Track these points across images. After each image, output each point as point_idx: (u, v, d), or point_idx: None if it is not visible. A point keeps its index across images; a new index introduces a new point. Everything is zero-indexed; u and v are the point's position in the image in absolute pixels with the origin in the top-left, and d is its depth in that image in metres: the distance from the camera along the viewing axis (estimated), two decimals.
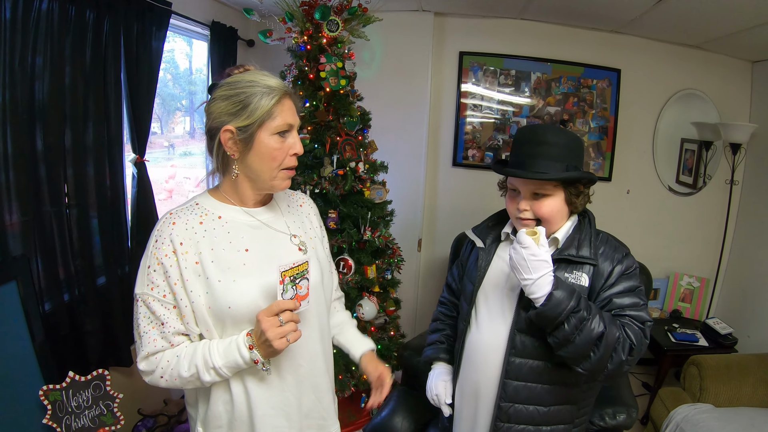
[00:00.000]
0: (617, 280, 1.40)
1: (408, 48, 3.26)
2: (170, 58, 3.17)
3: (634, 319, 1.35)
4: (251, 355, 1.12)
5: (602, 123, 3.43)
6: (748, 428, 2.35)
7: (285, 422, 1.27)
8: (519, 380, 1.45)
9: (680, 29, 3.12)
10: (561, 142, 1.41)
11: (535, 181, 1.40)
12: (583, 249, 1.42)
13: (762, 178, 3.36)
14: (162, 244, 1.14)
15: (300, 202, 1.45)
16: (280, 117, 1.16)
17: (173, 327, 1.16)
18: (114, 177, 2.19)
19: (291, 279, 1.13)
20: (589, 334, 1.27)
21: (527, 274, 1.28)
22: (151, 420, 2.51)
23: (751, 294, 3.38)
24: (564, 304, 1.26)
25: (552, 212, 1.43)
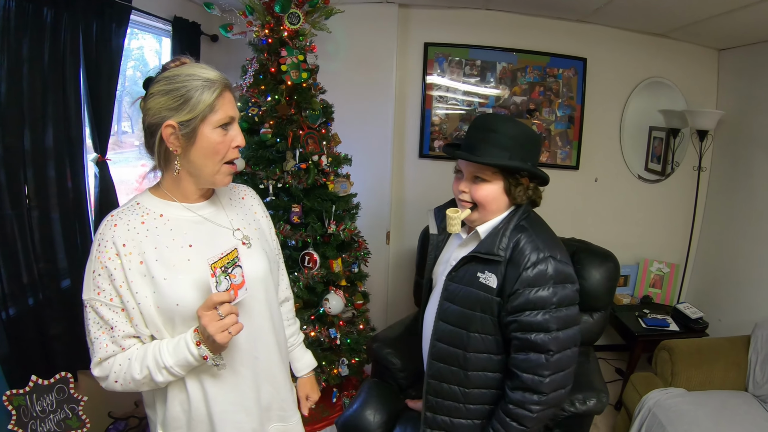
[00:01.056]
0: (526, 286, 1.39)
1: (372, 40, 3.28)
2: (139, 55, 3.17)
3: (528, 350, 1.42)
4: (200, 351, 1.12)
5: (569, 112, 3.50)
6: (721, 410, 2.43)
7: (245, 417, 1.29)
8: (441, 362, 1.57)
9: (646, 18, 3.19)
10: (509, 132, 1.45)
11: (475, 164, 1.46)
12: (494, 243, 1.46)
13: (729, 164, 3.46)
14: (105, 247, 1.14)
15: (242, 194, 1.45)
16: (222, 110, 1.16)
17: (123, 330, 1.16)
18: (75, 177, 2.19)
19: (222, 270, 1.13)
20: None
21: None
22: (122, 422, 2.53)
23: (721, 278, 3.49)
24: None
25: (487, 198, 1.48)
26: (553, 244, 1.46)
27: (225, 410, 1.25)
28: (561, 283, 1.39)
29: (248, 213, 1.41)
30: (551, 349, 1.37)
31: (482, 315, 1.47)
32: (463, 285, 1.51)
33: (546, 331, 1.36)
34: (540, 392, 1.40)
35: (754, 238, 3.20)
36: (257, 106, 2.51)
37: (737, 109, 3.36)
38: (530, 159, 1.49)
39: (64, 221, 2.17)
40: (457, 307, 1.52)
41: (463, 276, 1.51)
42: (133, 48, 3.08)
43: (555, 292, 1.37)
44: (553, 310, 1.37)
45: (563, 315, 1.39)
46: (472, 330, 1.50)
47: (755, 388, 2.61)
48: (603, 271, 2.72)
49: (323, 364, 2.69)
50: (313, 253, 2.53)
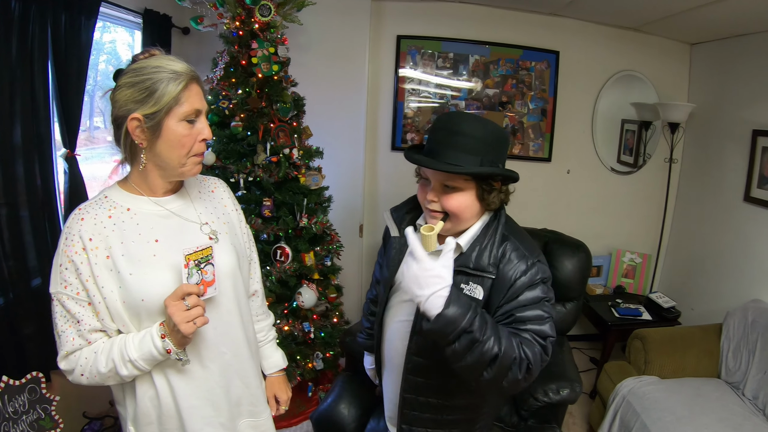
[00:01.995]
0: (520, 292, 1.33)
1: (345, 32, 3.30)
2: (112, 49, 3.15)
3: (535, 334, 1.29)
4: (164, 345, 1.14)
5: (541, 104, 3.57)
6: (694, 398, 2.50)
7: (213, 411, 1.30)
8: (419, 376, 1.48)
9: (618, 12, 3.26)
10: (477, 134, 1.33)
11: (444, 172, 1.33)
12: (483, 258, 1.37)
13: (700, 156, 3.56)
14: (71, 241, 1.15)
15: (212, 187, 1.45)
16: (187, 103, 1.15)
17: (89, 324, 1.17)
18: (44, 174, 2.17)
19: (195, 263, 1.16)
20: (480, 356, 1.19)
21: (419, 290, 1.17)
22: (97, 422, 2.53)
23: (692, 268, 3.59)
24: (454, 325, 1.17)
25: (460, 208, 1.36)
26: (533, 246, 1.42)
27: (193, 405, 1.27)
28: (546, 283, 1.37)
29: (218, 206, 1.41)
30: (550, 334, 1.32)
31: None
32: None
33: (542, 320, 1.32)
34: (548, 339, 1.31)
35: (724, 229, 3.30)
36: (228, 99, 2.53)
37: (708, 102, 3.45)
38: (500, 160, 1.39)
39: (33, 219, 2.14)
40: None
41: None
42: (106, 41, 3.06)
43: (545, 291, 1.36)
44: (545, 304, 1.35)
45: (552, 310, 1.37)
46: None
47: (728, 375, 2.70)
48: (575, 262, 2.79)
49: (298, 358, 2.72)
50: (285, 247, 2.56)
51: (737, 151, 3.18)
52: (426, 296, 1.16)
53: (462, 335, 1.17)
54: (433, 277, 1.16)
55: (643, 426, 2.39)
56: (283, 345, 2.61)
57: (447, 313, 1.16)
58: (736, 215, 3.20)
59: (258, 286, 1.61)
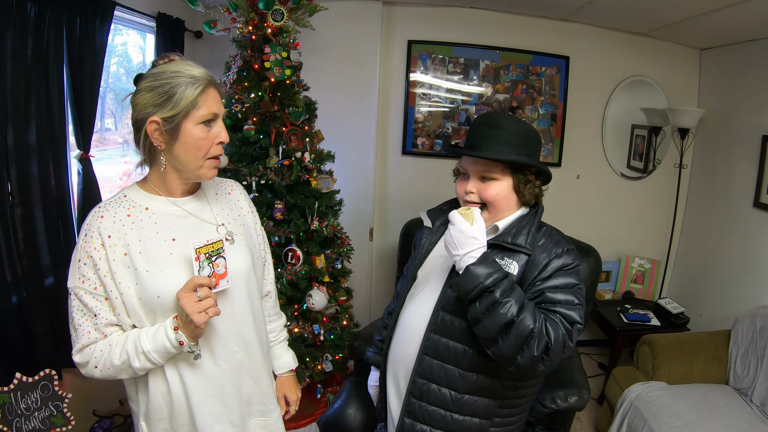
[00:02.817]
0: (553, 274, 1.39)
1: (356, 37, 3.35)
2: (123, 51, 3.19)
3: (563, 317, 1.31)
4: (177, 336, 1.17)
5: (551, 109, 3.59)
6: (702, 403, 2.50)
7: (223, 409, 1.33)
8: (435, 358, 1.46)
9: (628, 17, 3.28)
10: (513, 128, 1.45)
11: (483, 162, 1.45)
12: (520, 237, 1.43)
13: (710, 162, 3.57)
14: (91, 237, 1.19)
15: (228, 189, 1.48)
16: (204, 107, 1.19)
17: (105, 318, 1.20)
18: (59, 175, 2.21)
19: (206, 256, 1.19)
20: (497, 318, 1.26)
21: (455, 250, 1.32)
22: (107, 421, 2.55)
23: (701, 274, 3.59)
24: (477, 281, 1.26)
25: (497, 197, 1.45)
26: (567, 239, 1.49)
27: (203, 402, 1.29)
28: (579, 272, 1.43)
29: (234, 208, 1.45)
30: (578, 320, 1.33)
31: None
32: None
33: (572, 305, 1.34)
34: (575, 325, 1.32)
35: (733, 235, 3.30)
36: (240, 102, 2.56)
37: (718, 107, 3.47)
38: (534, 156, 1.49)
39: (47, 219, 2.18)
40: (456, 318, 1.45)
41: None
42: (117, 44, 3.10)
43: (578, 278, 1.40)
44: (578, 291, 1.38)
45: (581, 297, 1.39)
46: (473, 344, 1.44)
47: (736, 382, 2.69)
48: (584, 266, 2.78)
49: (307, 360, 2.75)
50: (296, 250, 2.59)
51: (747, 156, 3.18)
52: (461, 255, 1.31)
53: (484, 294, 1.27)
54: (469, 239, 1.31)
55: (650, 431, 2.39)
56: (293, 347, 2.60)
57: (472, 269, 1.28)
58: (746, 221, 3.20)
59: (271, 287, 1.64)
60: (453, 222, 1.34)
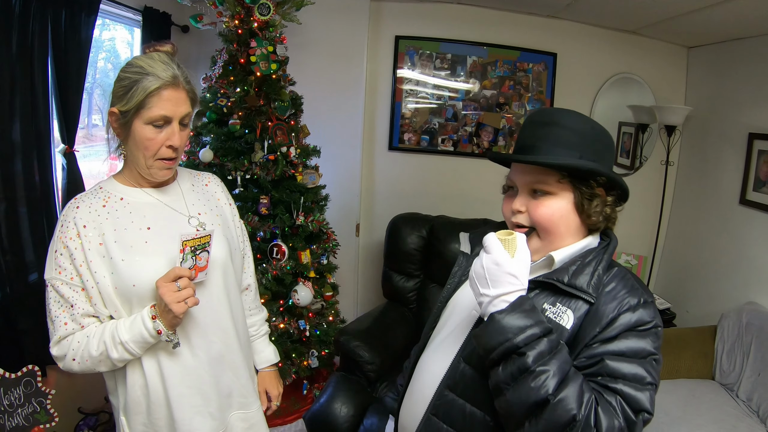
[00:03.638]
0: (620, 334, 1.00)
1: (344, 32, 3.37)
2: (111, 47, 3.19)
3: (625, 400, 0.95)
4: (154, 325, 1.18)
5: (538, 106, 3.63)
6: (688, 399, 2.54)
7: (202, 401, 1.34)
8: (446, 422, 1.12)
9: (616, 14, 3.31)
10: (576, 126, 1.09)
11: (533, 170, 1.09)
12: (581, 277, 1.05)
13: (697, 159, 3.61)
14: (67, 228, 1.21)
15: (206, 181, 1.51)
16: (155, 108, 1.19)
17: (82, 309, 1.22)
18: (43, 171, 2.22)
19: (192, 249, 1.21)
20: (526, 393, 0.93)
21: (484, 288, 0.98)
22: (92, 418, 2.57)
23: (688, 270, 3.64)
24: (503, 336, 0.94)
25: (551, 217, 1.09)
26: (645, 286, 1.11)
27: (182, 393, 1.30)
28: (659, 336, 1.04)
29: (210, 199, 1.47)
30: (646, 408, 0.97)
31: None
32: None
33: (641, 383, 0.97)
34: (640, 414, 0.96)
35: (719, 231, 3.34)
36: (226, 96, 2.58)
37: (705, 105, 3.50)
38: (605, 162, 1.11)
39: (31, 215, 2.19)
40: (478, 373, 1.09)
41: None
42: (105, 39, 3.11)
43: (656, 345, 1.02)
44: (653, 364, 1.00)
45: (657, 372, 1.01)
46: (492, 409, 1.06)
47: (722, 377, 2.74)
48: None
49: (293, 356, 2.76)
50: (282, 245, 2.61)
51: (733, 154, 3.22)
52: (491, 297, 0.98)
53: (511, 355, 0.95)
54: (506, 275, 0.97)
55: None
56: (279, 342, 2.65)
57: (501, 319, 0.95)
58: (732, 218, 3.24)
59: (251, 280, 1.66)
60: (487, 249, 1.00)
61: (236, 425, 1.45)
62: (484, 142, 3.66)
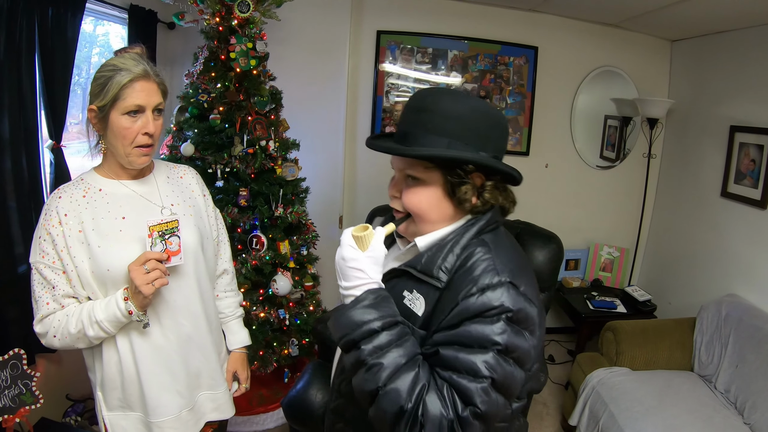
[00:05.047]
0: (462, 320, 0.99)
1: (326, 27, 3.49)
2: (105, 42, 3.28)
3: (456, 391, 0.96)
4: (126, 306, 1.31)
5: (519, 99, 3.75)
6: (665, 389, 2.62)
7: (170, 379, 1.47)
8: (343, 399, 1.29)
9: (596, 8, 3.40)
10: (451, 110, 1.08)
11: (404, 158, 1.12)
12: (435, 260, 1.09)
13: (679, 152, 3.72)
14: (50, 216, 1.35)
15: (181, 174, 1.64)
16: (129, 98, 1.32)
17: (63, 290, 1.36)
18: (31, 166, 2.35)
19: (159, 234, 1.33)
20: (361, 382, 1.01)
21: (338, 281, 1.07)
22: (80, 405, 2.70)
23: (670, 262, 3.75)
24: (344, 330, 1.02)
25: (420, 204, 1.11)
26: (519, 270, 1.05)
27: (152, 371, 1.44)
28: (516, 323, 0.99)
29: (185, 191, 1.60)
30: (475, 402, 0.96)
31: None
32: None
33: (474, 376, 0.96)
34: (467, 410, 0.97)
35: (701, 224, 3.45)
36: (207, 92, 2.70)
37: (688, 98, 3.61)
38: (488, 147, 1.11)
39: (20, 208, 2.32)
40: None
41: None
42: (99, 34, 3.22)
43: (504, 334, 0.97)
44: (496, 356, 0.96)
45: (505, 370, 0.98)
46: None
47: (701, 369, 2.82)
48: (546, 253, 2.90)
49: (274, 344, 2.88)
50: (261, 236, 2.73)
51: (715, 146, 3.31)
52: (342, 289, 1.06)
53: (352, 349, 1.01)
54: (352, 270, 1.04)
55: (610, 416, 2.50)
56: (259, 331, 2.78)
57: (342, 313, 1.03)
58: (714, 210, 3.33)
59: (227, 265, 1.81)
60: (340, 244, 1.07)
61: (205, 404, 1.60)
62: None
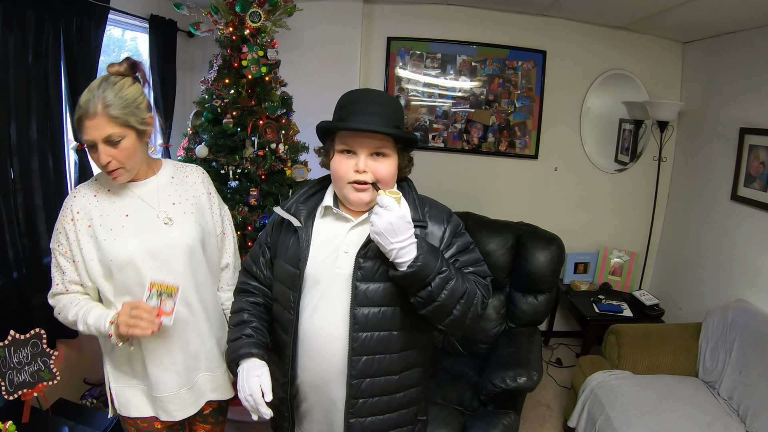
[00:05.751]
0: (452, 240, 1.46)
1: (338, 35, 3.64)
2: (133, 46, 3.49)
3: (478, 275, 1.44)
4: (107, 329, 1.50)
5: (528, 103, 3.82)
6: (665, 394, 2.61)
7: (169, 360, 1.64)
8: (367, 354, 1.43)
9: (603, 10, 3.44)
10: (387, 102, 1.46)
11: (376, 137, 1.39)
12: (419, 211, 1.45)
13: (690, 154, 3.73)
14: (66, 212, 1.55)
15: (187, 173, 1.77)
16: (82, 135, 1.45)
17: (70, 276, 1.57)
18: (57, 165, 2.54)
19: (158, 292, 1.48)
20: (453, 293, 1.31)
21: (394, 237, 1.25)
22: (97, 389, 2.85)
23: (681, 267, 3.75)
24: (432, 266, 1.28)
25: (389, 174, 1.42)
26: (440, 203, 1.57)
27: (152, 350, 1.62)
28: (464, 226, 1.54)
29: (189, 189, 1.74)
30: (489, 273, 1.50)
31: None
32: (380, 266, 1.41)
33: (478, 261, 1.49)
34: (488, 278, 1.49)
35: (712, 228, 3.44)
36: (220, 98, 2.87)
37: (699, 100, 3.62)
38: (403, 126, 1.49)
39: (46, 205, 2.50)
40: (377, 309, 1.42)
41: (376, 255, 1.38)
42: (127, 39, 3.43)
43: (469, 236, 1.52)
44: (476, 248, 1.51)
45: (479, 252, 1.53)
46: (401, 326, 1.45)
47: (705, 374, 2.81)
48: (546, 254, 3.01)
49: None
50: None
51: (725, 149, 3.30)
52: (402, 241, 1.27)
53: (437, 275, 1.29)
54: (406, 223, 1.27)
55: (606, 418, 2.52)
56: None
57: (425, 256, 1.28)
58: (724, 214, 3.31)
59: (230, 259, 1.92)
60: (389, 207, 1.27)
61: (205, 385, 1.76)
62: (473, 139, 3.88)
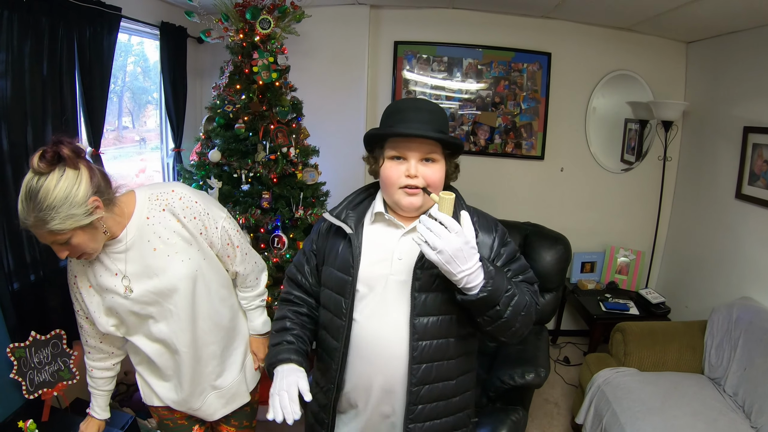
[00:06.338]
0: (501, 249, 1.47)
1: (346, 40, 3.73)
2: (140, 51, 3.59)
3: (527, 282, 1.47)
4: None
5: (533, 104, 3.90)
6: (671, 391, 2.65)
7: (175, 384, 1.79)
8: (427, 361, 1.43)
9: (607, 12, 3.50)
10: (436, 109, 1.47)
11: (427, 143, 1.40)
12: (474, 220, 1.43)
13: (694, 154, 3.79)
14: (69, 277, 1.67)
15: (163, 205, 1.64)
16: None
17: (87, 332, 1.75)
18: None
19: None
20: (516, 308, 1.32)
21: (462, 265, 1.22)
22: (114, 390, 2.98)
23: (687, 265, 3.81)
24: (501, 288, 1.28)
25: (440, 179, 1.43)
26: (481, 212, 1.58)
27: (156, 383, 1.82)
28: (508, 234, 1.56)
29: (168, 225, 1.64)
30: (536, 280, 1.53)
31: None
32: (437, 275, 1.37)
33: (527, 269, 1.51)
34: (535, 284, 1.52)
35: (717, 226, 3.50)
36: (232, 103, 2.96)
37: (703, 100, 3.68)
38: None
39: None
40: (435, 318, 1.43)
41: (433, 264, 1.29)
42: (134, 44, 3.52)
43: (513, 244, 1.52)
44: (521, 256, 1.53)
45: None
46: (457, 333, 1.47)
47: (710, 371, 2.86)
48: (553, 253, 3.09)
49: None
50: (282, 236, 2.97)
51: (729, 148, 3.36)
52: (470, 268, 1.23)
53: (504, 294, 1.30)
54: (472, 248, 1.23)
55: (613, 414, 2.58)
56: None
57: (494, 281, 1.26)
58: (729, 212, 3.37)
59: (239, 268, 1.89)
60: (450, 227, 1.21)
61: (213, 403, 1.86)
62: (480, 141, 3.96)
